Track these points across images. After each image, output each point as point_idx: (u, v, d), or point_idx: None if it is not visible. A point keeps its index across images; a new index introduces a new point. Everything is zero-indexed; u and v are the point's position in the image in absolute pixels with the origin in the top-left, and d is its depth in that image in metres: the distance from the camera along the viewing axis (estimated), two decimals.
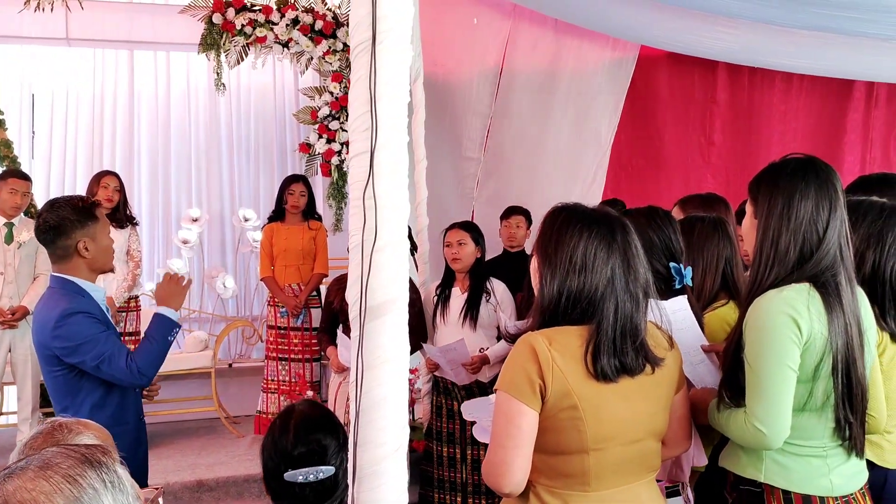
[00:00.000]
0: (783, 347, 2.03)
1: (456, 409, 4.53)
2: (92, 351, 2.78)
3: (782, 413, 2.04)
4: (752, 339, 2.08)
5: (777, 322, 2.04)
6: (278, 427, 2.07)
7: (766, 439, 2.04)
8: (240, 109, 7.95)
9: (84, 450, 1.25)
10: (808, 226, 2.09)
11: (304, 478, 1.95)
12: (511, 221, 5.46)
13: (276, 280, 5.76)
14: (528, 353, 1.92)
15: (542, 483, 1.98)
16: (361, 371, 1.45)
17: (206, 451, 5.58)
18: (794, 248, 2.09)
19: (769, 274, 2.12)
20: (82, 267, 2.90)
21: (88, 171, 7.24)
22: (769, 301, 2.07)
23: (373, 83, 1.43)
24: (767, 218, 2.14)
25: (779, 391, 2.03)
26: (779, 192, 2.13)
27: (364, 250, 1.45)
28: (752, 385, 2.08)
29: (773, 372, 2.03)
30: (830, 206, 2.10)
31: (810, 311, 2.04)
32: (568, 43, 6.30)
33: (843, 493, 2.12)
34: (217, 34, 6.17)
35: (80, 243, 2.85)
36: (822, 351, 2.05)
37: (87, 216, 2.88)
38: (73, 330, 2.77)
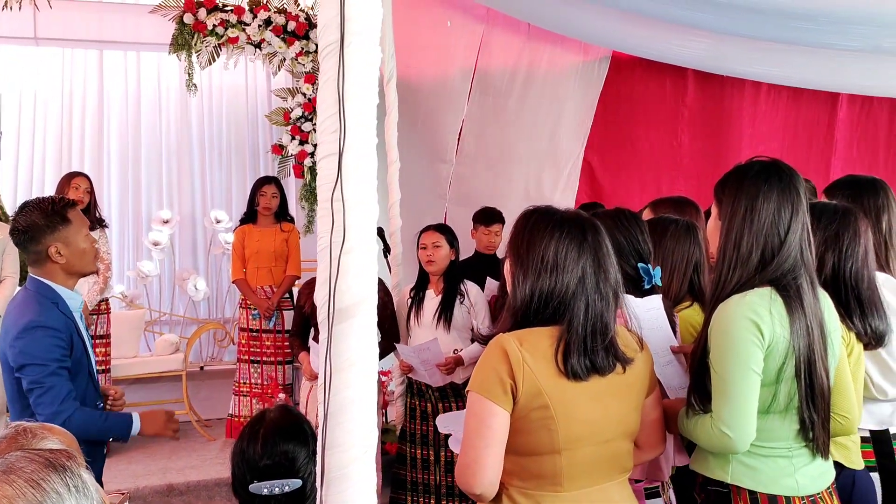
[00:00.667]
0: (746, 352, 2.05)
1: (429, 410, 4.53)
2: (35, 375, 2.67)
3: (748, 416, 2.06)
4: (716, 345, 2.11)
5: (739, 327, 2.06)
6: (247, 436, 2.06)
7: (732, 443, 2.06)
8: (211, 110, 7.91)
9: (48, 454, 1.23)
10: (770, 228, 2.11)
11: (268, 490, 1.94)
12: (491, 229, 5.44)
13: (249, 282, 5.73)
14: (499, 353, 1.93)
15: (514, 485, 1.99)
16: (329, 374, 1.45)
17: (177, 455, 5.52)
18: (756, 250, 2.12)
19: (732, 276, 2.14)
20: (58, 271, 2.80)
21: (57, 172, 7.17)
22: (732, 306, 2.09)
23: (341, 85, 1.43)
24: (731, 220, 2.16)
25: (743, 395, 2.05)
26: (742, 194, 2.15)
27: (332, 252, 1.44)
28: (717, 390, 2.10)
29: (738, 376, 2.05)
30: (792, 209, 2.12)
31: (772, 314, 2.06)
32: (541, 45, 6.32)
33: (808, 492, 2.14)
34: (188, 34, 6.12)
35: (50, 248, 2.75)
36: (784, 354, 2.07)
37: (57, 220, 2.76)
38: (29, 346, 2.67)
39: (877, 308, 2.49)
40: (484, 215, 5.50)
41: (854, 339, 2.45)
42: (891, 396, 2.64)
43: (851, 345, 2.43)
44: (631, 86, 6.34)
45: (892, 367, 2.61)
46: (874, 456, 2.64)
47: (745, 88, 6.34)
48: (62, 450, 1.30)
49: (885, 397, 2.63)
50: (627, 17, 5.35)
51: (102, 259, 5.52)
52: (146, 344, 6.97)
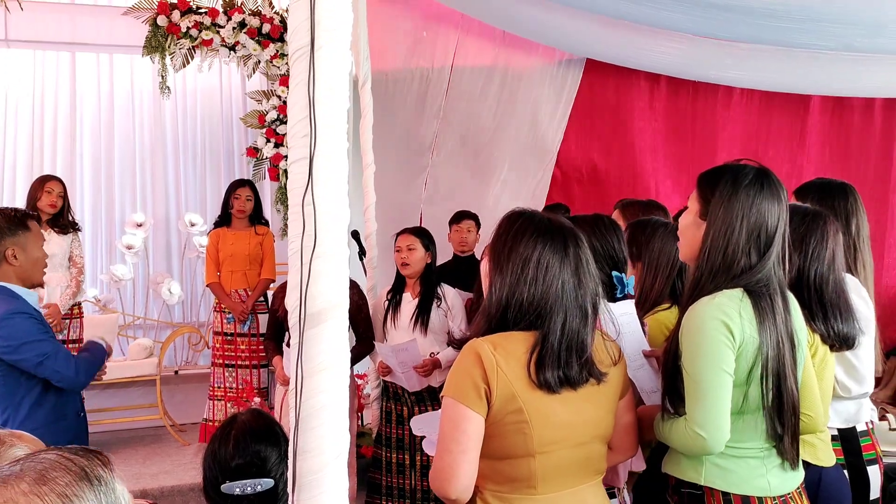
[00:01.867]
0: (718, 352, 2.05)
1: (405, 414, 4.53)
2: (34, 350, 2.88)
3: (721, 417, 2.06)
4: (688, 347, 2.11)
5: (710, 327, 2.06)
6: (219, 437, 2.05)
7: (707, 444, 2.06)
8: (185, 113, 7.85)
9: (85, 462, 1.16)
10: (756, 239, 2.11)
11: (241, 490, 1.94)
12: (462, 226, 5.47)
13: (223, 286, 5.70)
14: (473, 358, 1.93)
15: (488, 488, 1.99)
16: (301, 378, 1.44)
17: (151, 460, 5.49)
18: (740, 251, 2.11)
19: (711, 280, 2.13)
20: (12, 275, 2.97)
21: (29, 175, 7.08)
22: (702, 308, 2.10)
23: (311, 89, 1.42)
24: (721, 223, 2.13)
25: (716, 396, 2.06)
26: (736, 200, 2.12)
27: (303, 257, 1.44)
28: (690, 391, 2.10)
29: (710, 377, 2.06)
30: (777, 221, 2.13)
31: (742, 316, 2.07)
32: (516, 48, 6.33)
33: (780, 492, 2.15)
34: (162, 36, 6.09)
35: (8, 251, 2.92)
36: (754, 355, 2.08)
37: (17, 225, 2.96)
38: (15, 330, 2.86)
39: (842, 311, 2.51)
40: (455, 215, 5.53)
41: (818, 341, 2.48)
42: (855, 394, 2.68)
43: (815, 346, 2.46)
44: (605, 88, 6.36)
45: (856, 365, 2.65)
46: (842, 454, 2.67)
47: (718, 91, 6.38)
48: (99, 455, 1.20)
49: (848, 395, 2.67)
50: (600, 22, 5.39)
51: (75, 263, 5.47)
52: (120, 348, 6.90)
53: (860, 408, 2.74)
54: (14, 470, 1.10)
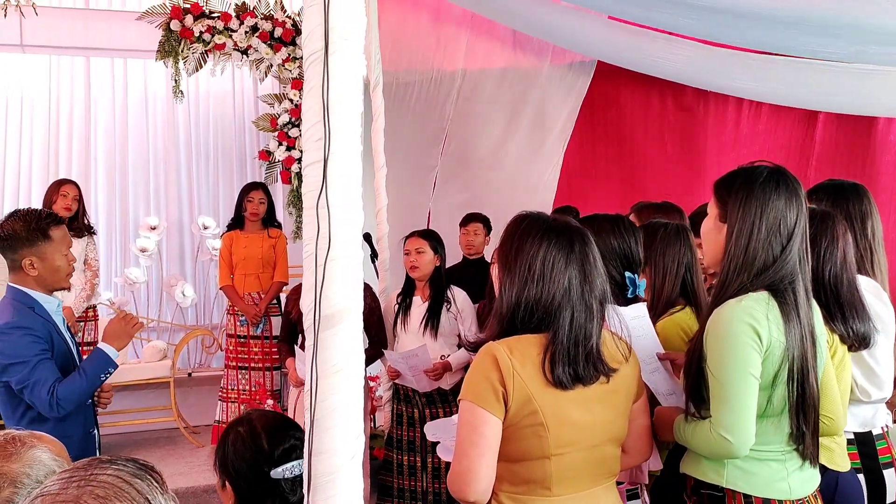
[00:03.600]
0: (745, 356, 2.05)
1: (416, 416, 4.53)
2: (20, 373, 2.75)
3: (747, 421, 2.06)
4: (714, 349, 2.10)
5: (738, 331, 2.06)
6: (247, 432, 2.06)
7: (732, 448, 2.06)
8: (198, 117, 7.88)
9: (145, 487, 1.09)
10: (777, 234, 2.12)
11: (290, 472, 1.98)
12: (469, 229, 5.47)
13: (236, 288, 5.72)
14: (490, 361, 1.95)
15: (504, 490, 2.01)
16: (316, 380, 1.45)
17: (166, 462, 5.51)
18: (761, 254, 2.11)
19: (735, 279, 2.13)
20: (31, 281, 2.89)
21: (44, 179, 7.14)
22: (729, 311, 2.09)
23: (326, 93, 1.43)
24: (740, 223, 2.14)
25: (743, 399, 2.05)
26: (753, 198, 2.14)
27: (318, 259, 1.44)
28: (716, 394, 2.09)
29: (737, 380, 2.05)
30: (797, 217, 2.14)
31: (769, 319, 2.07)
32: (526, 50, 6.32)
33: (799, 496, 2.16)
34: (175, 41, 6.12)
35: (25, 260, 2.84)
36: (780, 358, 2.08)
37: (38, 235, 2.85)
38: (10, 346, 2.75)
39: (857, 310, 2.51)
40: (463, 217, 5.53)
41: (837, 342, 2.47)
42: (874, 398, 2.66)
43: (835, 347, 2.45)
44: (616, 91, 6.34)
45: (875, 369, 2.63)
46: (858, 458, 2.66)
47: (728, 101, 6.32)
48: (153, 474, 1.15)
49: (868, 399, 2.65)
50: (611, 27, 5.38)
51: (90, 266, 5.51)
52: (134, 351, 6.93)
53: (876, 412, 2.72)
54: (71, 495, 1.03)
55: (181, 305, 7.33)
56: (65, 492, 1.03)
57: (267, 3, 6.29)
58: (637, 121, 6.39)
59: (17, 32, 6.17)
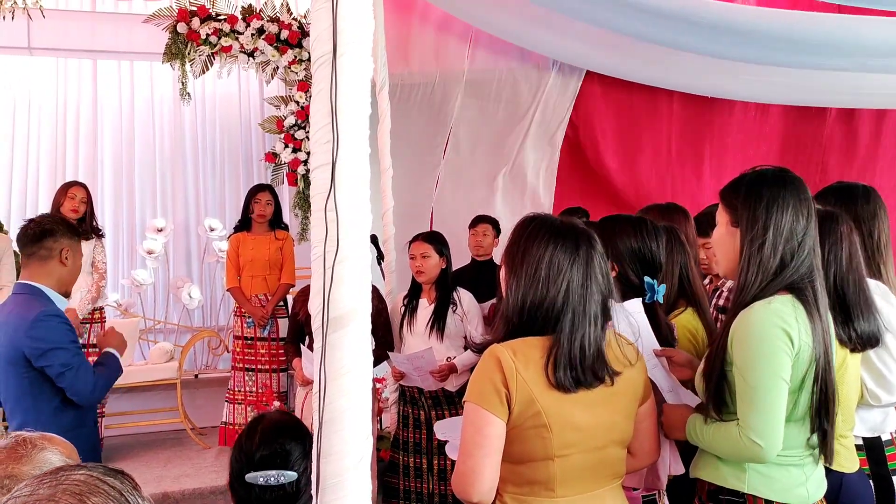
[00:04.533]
0: (778, 360, 2.04)
1: (422, 418, 4.52)
2: (62, 357, 2.88)
3: (778, 425, 2.04)
4: (745, 352, 2.08)
5: (770, 334, 2.04)
6: (246, 432, 2.09)
7: (762, 452, 2.04)
8: (205, 119, 7.90)
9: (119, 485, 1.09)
10: (789, 233, 2.11)
11: (264, 480, 1.96)
12: (478, 230, 5.47)
13: (243, 290, 5.72)
14: (494, 364, 1.95)
15: (508, 491, 2.01)
16: (324, 382, 1.45)
17: (173, 464, 5.51)
18: (776, 254, 2.11)
19: (755, 280, 2.12)
20: (54, 276, 3.02)
21: (51, 181, 7.17)
22: (760, 313, 2.08)
23: (334, 96, 1.43)
24: (752, 225, 2.14)
25: (774, 403, 2.04)
26: (762, 200, 2.14)
27: (326, 262, 1.45)
28: (746, 398, 2.07)
29: (769, 384, 2.03)
30: (807, 215, 2.14)
31: (798, 322, 2.06)
32: (524, 50, 6.26)
33: (814, 500, 2.15)
34: (182, 43, 6.14)
35: (64, 249, 3.01)
36: (808, 361, 2.07)
37: (74, 232, 3.12)
38: (49, 332, 2.88)
39: (863, 311, 2.48)
40: (473, 219, 5.53)
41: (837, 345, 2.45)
42: (884, 402, 2.64)
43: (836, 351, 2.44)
44: (610, 89, 6.24)
45: (885, 374, 2.61)
46: (867, 463, 2.65)
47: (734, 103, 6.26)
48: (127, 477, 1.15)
49: (878, 403, 2.63)
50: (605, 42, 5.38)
51: (97, 268, 5.52)
52: (141, 352, 6.94)
53: (886, 417, 2.70)
54: (45, 495, 1.03)
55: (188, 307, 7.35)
56: (37, 493, 1.03)
57: (273, 6, 6.30)
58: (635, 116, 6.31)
59: (24, 35, 6.19)
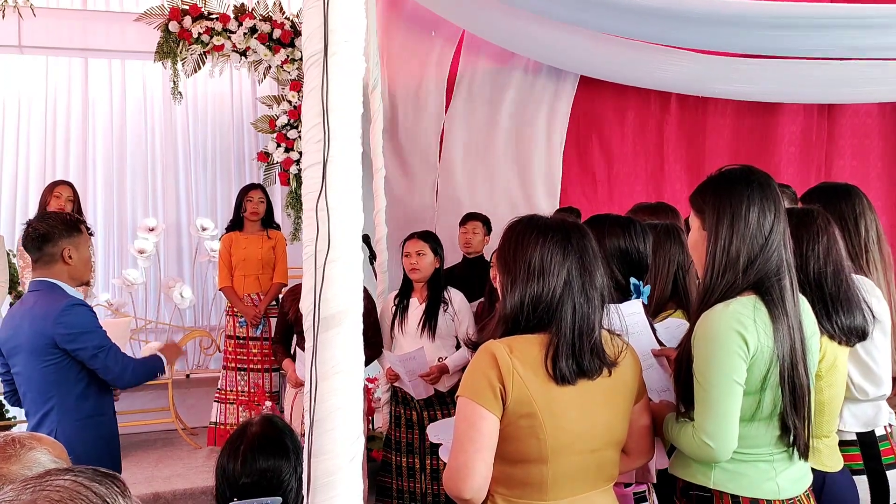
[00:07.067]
0: (730, 362, 2.05)
1: (415, 419, 4.52)
2: (92, 341, 3.06)
3: (730, 427, 2.06)
4: (700, 354, 2.11)
5: (724, 337, 2.06)
6: (228, 452, 2.07)
7: (714, 453, 2.07)
8: (196, 118, 7.89)
9: (104, 491, 1.04)
10: (755, 230, 2.12)
11: None
12: (468, 227, 5.47)
13: (235, 290, 5.70)
14: (489, 359, 1.94)
15: (500, 493, 2.00)
16: (315, 382, 1.44)
17: (163, 464, 5.50)
18: (742, 252, 2.12)
19: (721, 279, 2.14)
20: (64, 274, 3.15)
21: (41, 180, 7.15)
22: (716, 316, 2.09)
23: (325, 95, 1.42)
24: (717, 226, 2.16)
25: (726, 406, 2.06)
26: (725, 201, 2.16)
27: (317, 261, 1.44)
28: (699, 400, 2.10)
29: (720, 387, 2.05)
30: (775, 211, 2.15)
31: (756, 323, 2.07)
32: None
33: (789, 496, 2.15)
34: (173, 42, 6.12)
35: (64, 251, 3.11)
36: (769, 362, 2.08)
37: (72, 228, 3.17)
38: (78, 318, 3.04)
39: (844, 304, 2.49)
40: (463, 217, 5.54)
41: (825, 340, 2.45)
42: (872, 396, 2.65)
43: (824, 348, 2.43)
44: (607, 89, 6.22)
45: (872, 367, 2.63)
46: (861, 459, 2.65)
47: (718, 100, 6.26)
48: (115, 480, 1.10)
49: (866, 397, 2.64)
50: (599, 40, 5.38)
51: None
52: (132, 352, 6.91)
53: (878, 411, 2.70)
54: (24, 500, 0.99)
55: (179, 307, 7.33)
56: (19, 497, 1.00)
57: (266, 5, 6.29)
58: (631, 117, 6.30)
59: (15, 33, 6.17)
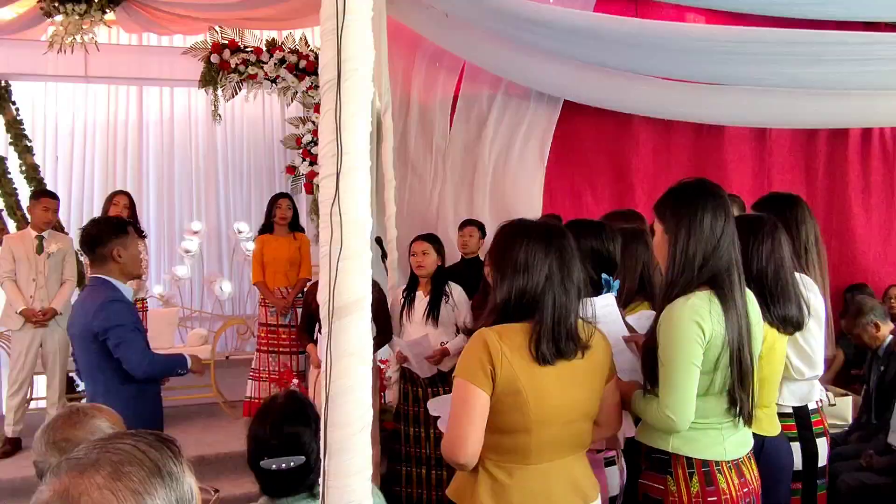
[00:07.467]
0: (690, 348, 2.09)
1: (421, 395, 4.53)
2: (118, 333, 2.98)
3: (689, 402, 2.10)
4: (664, 341, 2.14)
5: (685, 327, 2.09)
6: (258, 419, 2.07)
7: (674, 424, 2.11)
8: (234, 136, 7.93)
9: (158, 456, 1.05)
10: (709, 235, 2.15)
11: (276, 466, 1.96)
12: (465, 232, 5.46)
13: (267, 284, 5.70)
14: (482, 345, 1.95)
15: (490, 458, 2.01)
16: (330, 363, 1.45)
17: (207, 431, 5.50)
18: (698, 253, 2.15)
19: (681, 276, 2.16)
20: (116, 271, 3.11)
21: (104, 190, 7.20)
22: (678, 308, 2.12)
23: (338, 116, 1.43)
24: (677, 231, 2.19)
25: (685, 384, 2.10)
26: (683, 210, 2.20)
27: (332, 259, 1.44)
28: (663, 379, 2.13)
29: (681, 369, 2.09)
30: (725, 217, 2.18)
31: (711, 314, 2.11)
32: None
33: (733, 457, 2.20)
34: (214, 72, 6.12)
35: (114, 251, 3.07)
36: (720, 347, 2.11)
37: (119, 229, 3.13)
38: (112, 313, 2.98)
39: (783, 298, 2.50)
40: (460, 223, 5.54)
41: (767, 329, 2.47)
42: (807, 376, 2.68)
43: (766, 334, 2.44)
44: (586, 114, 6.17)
45: (808, 352, 2.65)
46: (796, 428, 2.69)
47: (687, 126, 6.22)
48: (171, 445, 1.11)
49: (802, 377, 2.67)
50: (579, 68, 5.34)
51: None
52: (180, 337, 6.96)
53: (811, 388, 2.73)
54: (91, 458, 1.01)
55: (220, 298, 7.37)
56: (86, 456, 1.02)
57: (293, 39, 6.29)
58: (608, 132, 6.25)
59: (82, 66, 6.20)
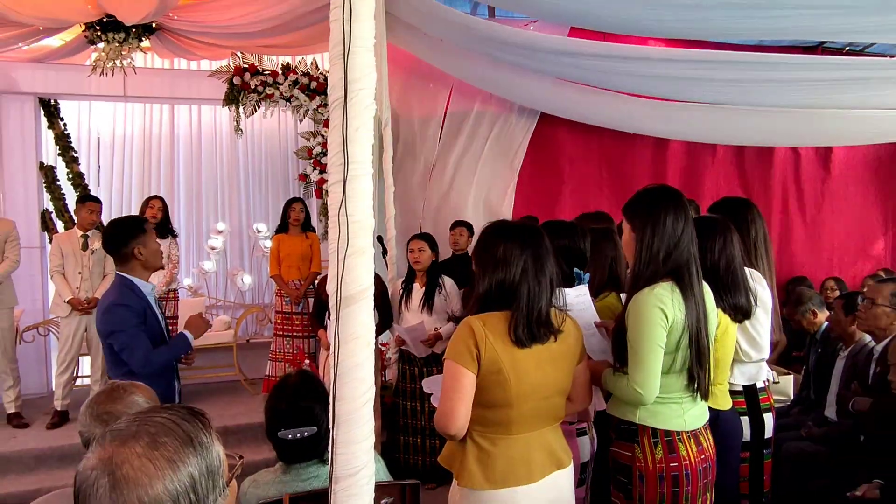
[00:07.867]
0: (654, 331, 2.08)
1: (417, 374, 4.52)
2: (120, 340, 2.80)
3: (654, 379, 2.10)
4: (632, 325, 2.13)
5: (650, 313, 2.09)
6: (275, 396, 2.07)
7: (641, 398, 2.11)
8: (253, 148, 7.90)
9: (190, 427, 1.06)
10: (671, 233, 2.15)
11: (292, 436, 1.96)
12: (456, 231, 5.44)
13: (282, 277, 5.68)
14: (468, 331, 1.95)
15: (476, 429, 2.00)
16: (338, 345, 1.43)
17: (231, 405, 5.46)
18: (661, 249, 2.15)
19: (646, 269, 2.16)
20: (138, 267, 2.92)
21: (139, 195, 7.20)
22: (645, 297, 2.11)
23: (345, 130, 1.41)
24: (643, 231, 2.18)
25: (651, 363, 2.09)
26: (648, 211, 2.19)
27: (339, 255, 1.43)
28: (631, 359, 2.13)
29: (647, 349, 2.08)
30: (685, 219, 2.18)
31: (673, 302, 2.10)
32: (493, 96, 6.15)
33: (692, 427, 2.19)
34: (236, 92, 6.08)
35: (135, 249, 2.90)
36: (681, 330, 2.11)
37: (137, 228, 2.94)
38: (112, 319, 2.81)
39: (733, 289, 2.50)
40: (451, 224, 5.52)
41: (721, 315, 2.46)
42: (755, 359, 2.67)
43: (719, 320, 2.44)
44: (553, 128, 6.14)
45: (756, 338, 2.64)
46: (745, 404, 2.68)
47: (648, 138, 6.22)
48: (201, 417, 1.11)
49: (749, 360, 2.66)
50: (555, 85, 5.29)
51: (171, 260, 5.48)
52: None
53: (759, 369, 2.72)
54: (131, 430, 1.03)
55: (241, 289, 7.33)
56: (127, 429, 1.03)
57: (305, 63, 6.25)
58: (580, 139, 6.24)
59: (121, 86, 6.17)
